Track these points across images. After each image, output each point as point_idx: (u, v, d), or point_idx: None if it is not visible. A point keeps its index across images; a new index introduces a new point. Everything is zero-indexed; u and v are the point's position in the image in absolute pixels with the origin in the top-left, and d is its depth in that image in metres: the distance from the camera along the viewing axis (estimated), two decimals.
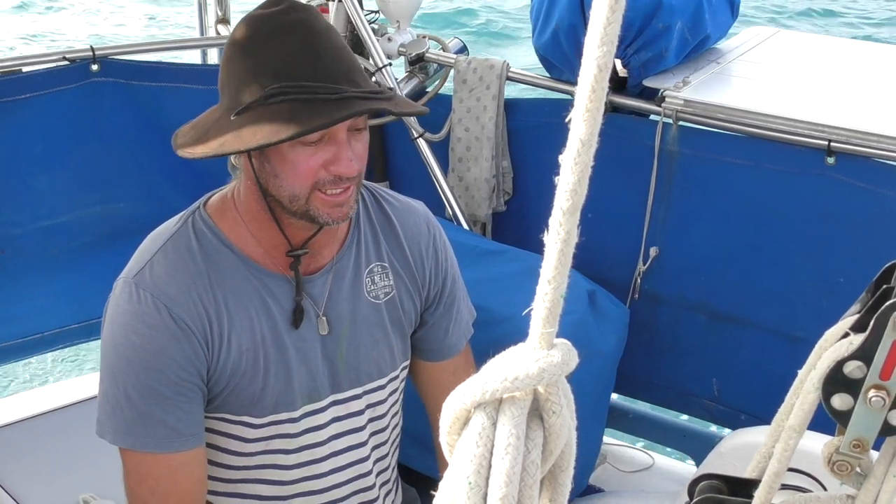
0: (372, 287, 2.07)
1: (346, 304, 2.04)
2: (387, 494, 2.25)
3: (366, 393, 2.12)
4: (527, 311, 0.86)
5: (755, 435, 2.59)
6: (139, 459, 1.93)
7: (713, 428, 3.36)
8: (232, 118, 1.80)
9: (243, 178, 1.94)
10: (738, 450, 2.56)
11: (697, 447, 3.22)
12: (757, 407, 3.06)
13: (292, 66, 1.77)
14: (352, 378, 2.08)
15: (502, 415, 0.84)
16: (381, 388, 2.14)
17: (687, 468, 3.25)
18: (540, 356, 0.84)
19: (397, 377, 2.18)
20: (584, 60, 0.76)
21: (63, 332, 3.40)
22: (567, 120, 0.80)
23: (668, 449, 3.45)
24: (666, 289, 3.11)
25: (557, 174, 3.01)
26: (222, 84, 1.87)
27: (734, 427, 3.10)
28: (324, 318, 2.01)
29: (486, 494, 0.82)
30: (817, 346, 1.19)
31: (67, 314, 3.39)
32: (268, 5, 1.85)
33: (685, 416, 3.39)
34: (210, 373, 1.93)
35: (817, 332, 3.05)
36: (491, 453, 0.83)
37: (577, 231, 0.81)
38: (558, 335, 2.82)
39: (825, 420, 1.11)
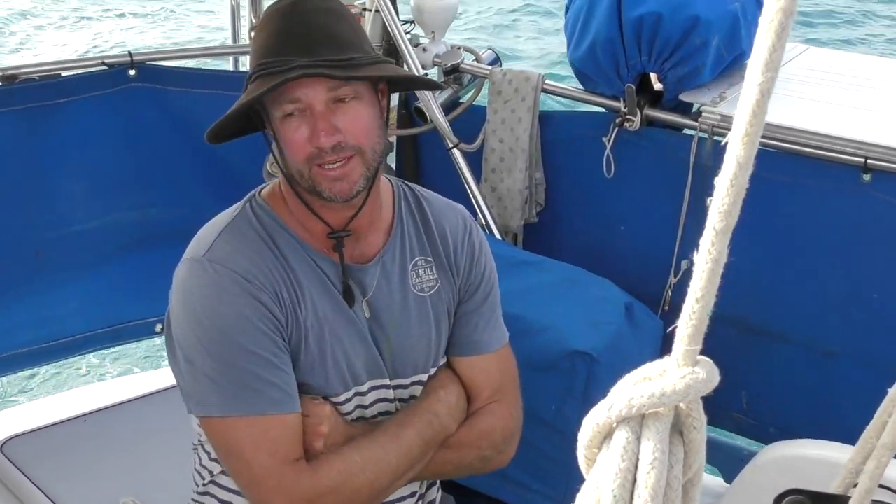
0: (417, 280, 2.09)
1: (396, 297, 2.06)
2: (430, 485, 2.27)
3: (412, 384, 2.12)
4: (671, 328, 0.88)
5: (791, 448, 2.61)
6: (254, 424, 1.88)
7: (740, 441, 3.37)
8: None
9: None
10: (775, 463, 2.58)
11: (724, 460, 3.24)
12: (786, 420, 3.08)
13: (268, 46, 1.87)
14: (398, 370, 2.09)
15: (646, 429, 0.86)
16: (423, 383, 2.15)
17: (714, 481, 3.26)
18: (685, 373, 0.86)
19: None
20: (745, 84, 0.78)
21: (92, 336, 3.42)
22: (723, 143, 0.82)
23: None
24: None
25: (597, 187, 3.01)
26: None
27: (762, 440, 3.11)
28: (366, 303, 2.02)
29: None
30: None
31: (97, 318, 3.41)
32: None
33: (712, 429, 3.41)
34: (286, 339, 1.94)
35: (850, 347, 3.08)
36: (636, 467, 0.85)
37: (728, 251, 0.83)
38: (598, 346, 2.82)
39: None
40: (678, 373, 0.86)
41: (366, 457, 1.96)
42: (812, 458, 2.49)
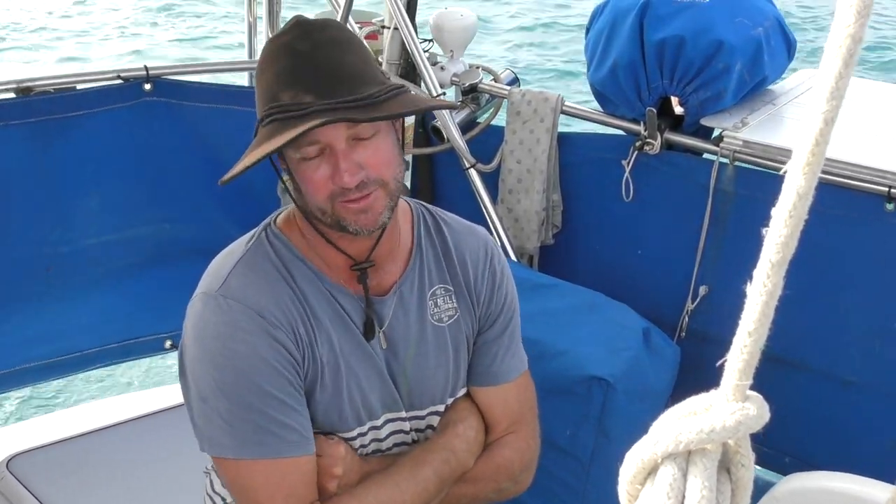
0: (435, 310, 2.04)
1: (413, 328, 2.01)
2: None
3: (429, 415, 2.09)
4: (721, 361, 0.85)
5: (810, 480, 2.57)
6: (269, 467, 1.85)
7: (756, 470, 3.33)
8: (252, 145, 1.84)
9: None
10: (794, 495, 2.54)
11: None
12: (803, 450, 3.04)
13: (276, 89, 1.78)
14: (414, 402, 2.05)
15: (693, 466, 0.83)
16: (440, 413, 2.11)
17: None
18: (735, 408, 0.83)
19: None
20: (809, 113, 0.75)
21: (103, 352, 3.40)
22: (782, 172, 0.79)
23: None
24: (714, 328, 3.10)
25: (615, 210, 2.97)
26: None
27: (778, 470, 3.07)
28: (382, 335, 1.98)
29: None
30: None
31: (108, 333, 3.38)
32: (281, 31, 1.87)
33: None
34: (301, 377, 1.90)
35: (870, 377, 3.04)
36: None
37: (782, 283, 0.80)
38: (615, 372, 2.78)
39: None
40: (728, 408, 0.83)
41: (380, 498, 1.92)
42: (832, 490, 2.45)
